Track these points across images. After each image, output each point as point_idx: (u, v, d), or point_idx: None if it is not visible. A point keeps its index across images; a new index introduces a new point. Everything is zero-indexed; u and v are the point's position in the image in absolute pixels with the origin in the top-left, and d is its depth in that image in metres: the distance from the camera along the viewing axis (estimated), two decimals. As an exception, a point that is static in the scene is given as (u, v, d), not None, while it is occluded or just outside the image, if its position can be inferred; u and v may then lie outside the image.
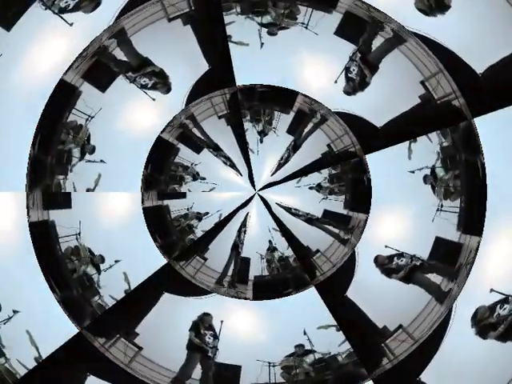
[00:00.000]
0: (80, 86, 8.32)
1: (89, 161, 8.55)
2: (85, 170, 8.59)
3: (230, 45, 8.34)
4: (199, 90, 8.71)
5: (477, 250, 7.70)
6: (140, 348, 8.68)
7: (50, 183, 8.39)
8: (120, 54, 8.34)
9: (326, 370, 8.00)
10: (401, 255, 8.08)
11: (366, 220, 8.72)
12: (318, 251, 9.16)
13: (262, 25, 8.15)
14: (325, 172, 9.19)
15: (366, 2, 8.07)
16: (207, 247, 9.56)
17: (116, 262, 8.82)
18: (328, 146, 9.11)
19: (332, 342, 8.26)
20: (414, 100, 8.38)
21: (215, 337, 8.22)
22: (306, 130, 9.16)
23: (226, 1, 8.06)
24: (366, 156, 8.75)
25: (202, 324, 8.30)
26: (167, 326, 8.84)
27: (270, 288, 9.01)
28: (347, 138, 8.90)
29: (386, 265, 8.09)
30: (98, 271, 8.82)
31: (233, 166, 9.32)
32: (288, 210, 9.27)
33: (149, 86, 8.33)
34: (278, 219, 9.31)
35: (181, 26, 8.44)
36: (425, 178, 8.26)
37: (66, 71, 8.15)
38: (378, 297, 8.55)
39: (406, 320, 8.36)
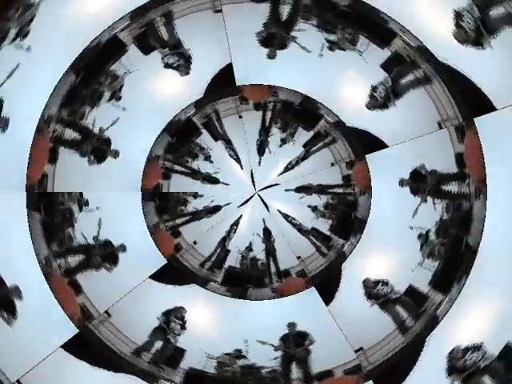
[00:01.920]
0: (129, 45, 9.15)
1: (114, 105, 9.33)
2: (107, 111, 9.33)
3: (295, 46, 9.13)
4: (221, 77, 9.48)
5: (439, 304, 8.68)
6: (109, 315, 9.27)
7: (77, 110, 9.14)
8: (163, 31, 9.17)
9: (249, 375, 8.79)
10: (385, 283, 9.02)
11: (343, 245, 9.77)
12: (298, 257, 10.09)
13: (327, 40, 8.97)
14: (324, 198, 10.19)
15: (414, 47, 8.65)
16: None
17: (97, 208, 9.46)
18: (331, 164, 10.16)
19: (266, 357, 8.90)
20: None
21: (182, 327, 9.02)
22: (317, 148, 10.25)
23: (309, 11, 8.86)
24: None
25: (174, 313, 9.05)
26: (138, 305, 9.41)
27: (236, 278, 9.95)
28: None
29: (370, 288, 9.06)
30: (80, 210, 9.38)
31: (238, 160, 10.43)
32: (285, 216, 10.29)
33: (174, 65, 9.26)
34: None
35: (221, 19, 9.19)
36: (419, 237, 9.10)
37: (121, 30, 9.03)
38: (350, 318, 9.17)
39: (366, 344, 8.97)
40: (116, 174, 9.50)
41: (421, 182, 8.96)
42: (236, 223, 10.26)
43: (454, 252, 8.69)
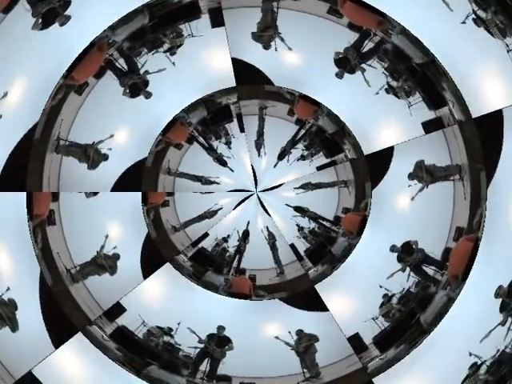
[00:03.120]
0: (203, 14, 9.95)
1: (167, 57, 10.07)
2: (159, 59, 10.05)
3: (361, 76, 9.93)
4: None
5: (373, 359, 9.55)
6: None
7: (137, 47, 9.91)
8: None
9: (167, 352, 9.76)
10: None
11: (310, 268, 10.88)
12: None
13: (388, 83, 9.82)
14: (312, 224, 11.33)
15: (457, 119, 9.32)
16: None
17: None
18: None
19: (189, 344, 9.85)
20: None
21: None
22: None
23: (385, 55, 9.76)
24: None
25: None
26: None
27: (203, 259, 11.03)
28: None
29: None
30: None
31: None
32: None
33: None
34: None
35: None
36: (384, 296, 9.95)
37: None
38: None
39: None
40: (141, 115, 10.09)
41: (408, 254, 9.77)
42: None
43: (404, 321, 9.50)
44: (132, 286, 9.85)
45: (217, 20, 9.80)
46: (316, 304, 10.06)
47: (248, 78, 10.23)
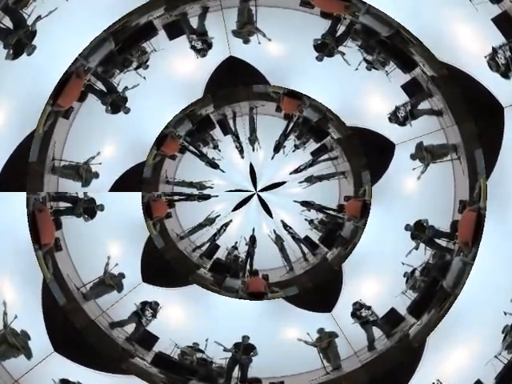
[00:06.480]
0: (159, 30, 10.40)
1: (138, 73, 10.49)
2: (131, 77, 10.46)
3: (340, 58, 10.30)
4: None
5: (411, 326, 10.08)
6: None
7: (109, 70, 10.29)
8: (193, 22, 10.60)
9: (202, 366, 10.26)
10: (368, 308, 10.64)
11: (327, 252, 11.82)
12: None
13: (364, 59, 10.22)
14: (320, 215, 12.67)
15: (429, 76, 9.71)
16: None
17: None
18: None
19: (218, 355, 10.31)
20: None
21: (154, 316, 10.61)
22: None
23: (357, 34, 10.11)
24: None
25: (150, 305, 10.49)
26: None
27: (220, 267, 11.92)
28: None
29: (357, 310, 10.66)
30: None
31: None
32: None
33: (197, 48, 10.65)
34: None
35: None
36: (405, 274, 10.49)
37: (156, 18, 10.27)
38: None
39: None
40: (124, 127, 10.70)
41: (420, 231, 10.21)
42: (226, 224, 12.89)
43: (430, 289, 9.85)
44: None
45: (173, 33, 10.43)
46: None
47: (239, 71, 10.97)
